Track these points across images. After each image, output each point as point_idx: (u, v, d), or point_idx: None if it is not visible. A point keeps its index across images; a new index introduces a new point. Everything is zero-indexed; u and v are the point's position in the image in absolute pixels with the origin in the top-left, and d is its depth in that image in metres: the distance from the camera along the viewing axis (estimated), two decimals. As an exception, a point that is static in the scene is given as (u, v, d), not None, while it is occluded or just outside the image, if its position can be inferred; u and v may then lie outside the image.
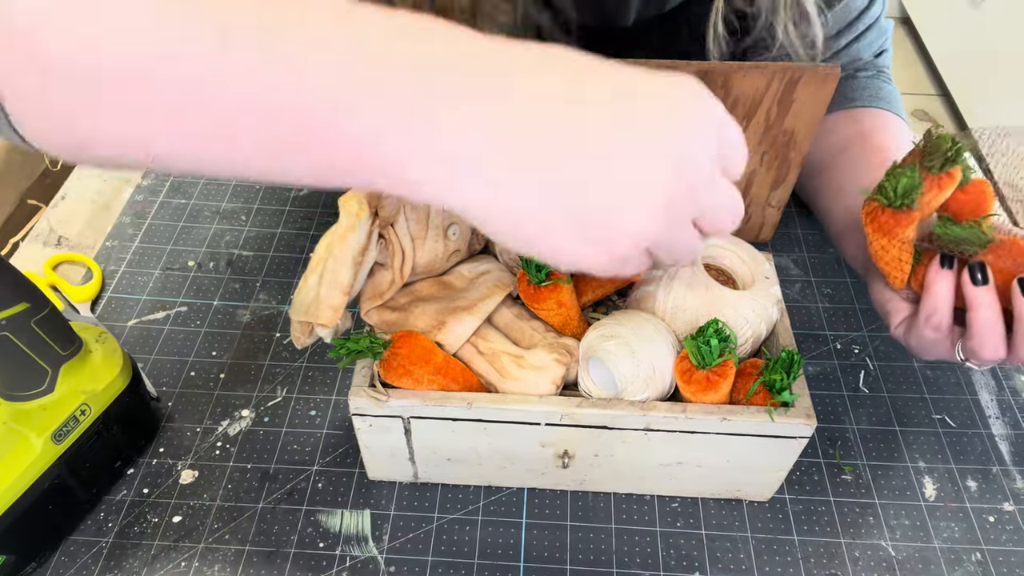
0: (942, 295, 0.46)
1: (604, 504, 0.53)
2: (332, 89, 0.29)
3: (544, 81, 0.30)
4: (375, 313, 0.51)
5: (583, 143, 0.30)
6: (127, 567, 0.49)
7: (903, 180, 0.44)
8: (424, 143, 0.30)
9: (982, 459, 0.56)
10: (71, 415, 0.48)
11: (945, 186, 0.45)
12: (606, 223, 0.31)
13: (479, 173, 0.30)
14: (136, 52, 0.28)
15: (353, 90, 0.29)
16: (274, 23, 0.29)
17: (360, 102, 0.29)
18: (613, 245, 0.32)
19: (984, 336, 0.45)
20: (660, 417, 0.46)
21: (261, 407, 0.58)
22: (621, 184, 0.31)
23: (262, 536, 0.51)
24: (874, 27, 0.67)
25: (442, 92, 0.29)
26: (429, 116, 0.29)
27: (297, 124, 0.29)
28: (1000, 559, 0.51)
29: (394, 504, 0.53)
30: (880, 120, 0.66)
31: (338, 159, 0.30)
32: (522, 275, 0.51)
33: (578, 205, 0.31)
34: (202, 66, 0.28)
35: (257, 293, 0.67)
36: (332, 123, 0.29)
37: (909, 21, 2.54)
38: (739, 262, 0.53)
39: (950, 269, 0.46)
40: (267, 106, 0.29)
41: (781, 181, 0.60)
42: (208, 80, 0.28)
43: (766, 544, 0.52)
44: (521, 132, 0.30)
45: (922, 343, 0.48)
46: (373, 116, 0.29)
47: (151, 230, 0.71)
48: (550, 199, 0.31)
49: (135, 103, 0.29)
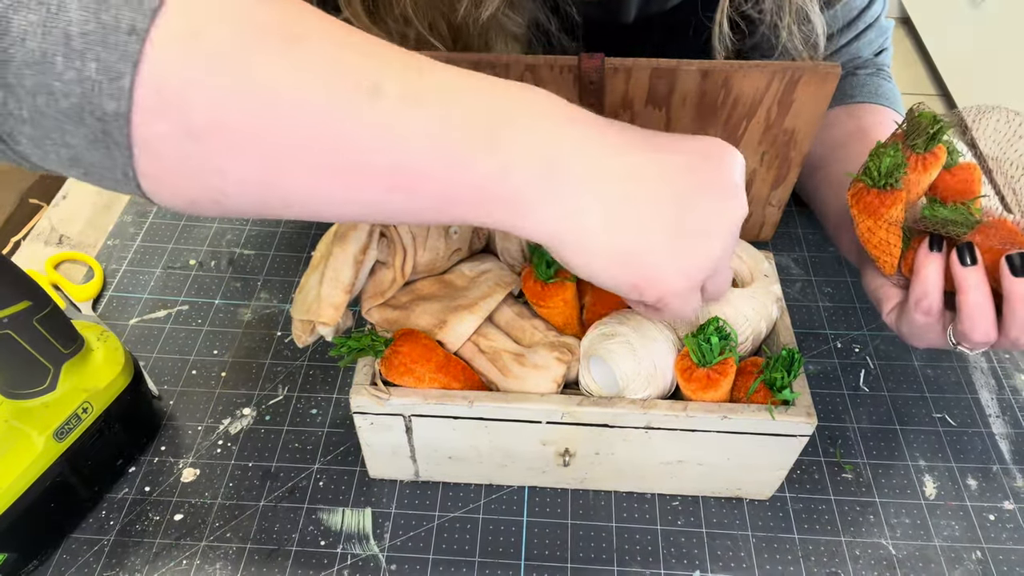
0: (931, 278, 0.45)
1: (605, 502, 0.53)
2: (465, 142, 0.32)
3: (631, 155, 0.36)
4: (376, 311, 0.51)
5: (674, 180, 0.36)
6: (128, 565, 0.50)
7: (886, 159, 0.44)
8: (544, 176, 0.34)
9: (982, 458, 0.56)
10: (73, 413, 0.48)
11: (930, 166, 0.45)
12: (696, 247, 0.37)
13: (592, 207, 0.34)
14: (289, 111, 0.29)
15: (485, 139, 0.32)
16: (417, 82, 0.31)
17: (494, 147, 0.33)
18: (695, 270, 0.37)
19: (974, 318, 0.44)
20: (661, 415, 0.46)
21: (262, 405, 0.58)
22: (708, 214, 0.36)
23: (263, 534, 0.51)
24: (874, 26, 0.67)
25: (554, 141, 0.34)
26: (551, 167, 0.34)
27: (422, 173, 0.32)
28: (1000, 557, 0.51)
29: (395, 502, 0.53)
30: (879, 116, 0.66)
31: (463, 195, 0.33)
32: (528, 273, 0.51)
33: (677, 228, 0.36)
34: (347, 123, 0.30)
35: (258, 292, 0.67)
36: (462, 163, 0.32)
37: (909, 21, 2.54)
38: (738, 260, 0.53)
39: (939, 252, 0.45)
40: (403, 159, 0.31)
41: (782, 180, 0.60)
42: (354, 136, 0.30)
43: (766, 542, 0.52)
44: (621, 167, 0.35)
45: (913, 328, 0.48)
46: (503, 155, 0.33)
47: (152, 229, 0.72)
48: (655, 226, 0.36)
49: (280, 156, 0.30)
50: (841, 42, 0.66)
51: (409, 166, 0.31)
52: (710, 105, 0.54)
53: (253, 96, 0.28)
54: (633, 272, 0.36)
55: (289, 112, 0.29)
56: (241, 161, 0.30)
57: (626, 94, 0.53)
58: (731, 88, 0.53)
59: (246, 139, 0.29)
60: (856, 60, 0.69)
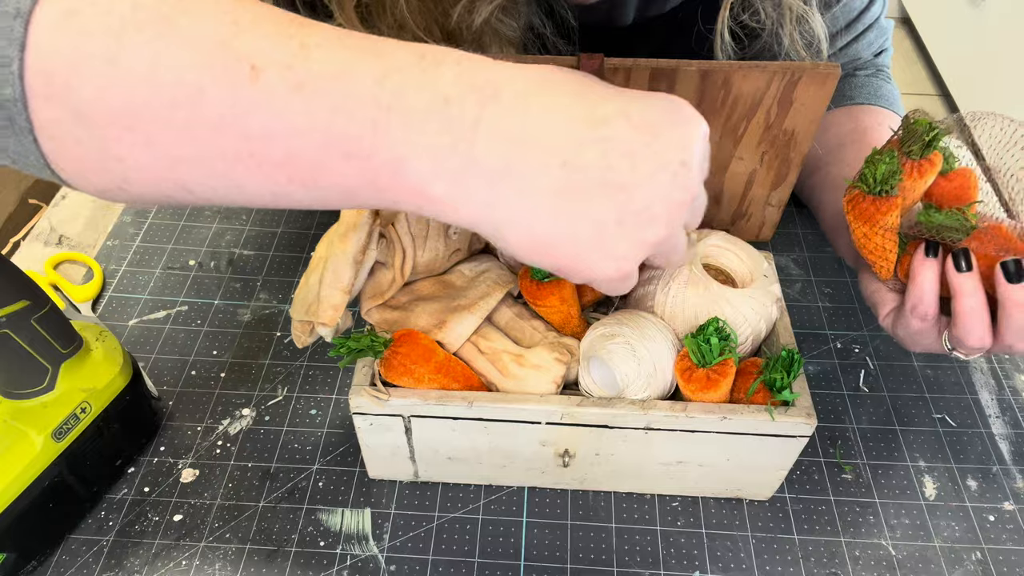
0: (927, 284, 0.45)
1: (604, 503, 0.53)
2: (360, 120, 0.29)
3: (556, 99, 0.31)
4: (376, 312, 0.51)
5: (607, 153, 0.31)
6: (128, 566, 0.49)
7: (882, 166, 0.44)
8: (446, 158, 0.30)
9: (982, 458, 0.56)
10: (71, 413, 0.48)
11: (925, 172, 0.45)
12: (627, 234, 0.32)
13: (505, 184, 0.30)
14: (167, 91, 0.28)
15: (382, 118, 0.29)
16: (295, 54, 0.28)
17: (388, 127, 0.29)
18: (628, 259, 0.33)
19: (969, 324, 0.44)
20: (660, 416, 0.46)
21: (262, 406, 0.58)
22: (643, 193, 0.32)
23: (263, 535, 0.51)
24: (874, 27, 0.67)
25: (464, 112, 0.30)
26: (453, 133, 0.30)
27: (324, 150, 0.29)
28: (1000, 558, 0.51)
29: (394, 503, 0.53)
30: (878, 118, 0.66)
31: (363, 181, 0.30)
32: (524, 272, 0.51)
33: (605, 215, 0.32)
34: (231, 100, 0.28)
35: (258, 292, 0.67)
36: (359, 147, 0.29)
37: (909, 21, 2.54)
38: (738, 261, 0.53)
39: (935, 258, 0.45)
40: (292, 133, 0.29)
41: (781, 180, 0.60)
42: (238, 113, 0.28)
43: (766, 543, 0.52)
44: (540, 138, 0.30)
45: (909, 333, 0.48)
46: (398, 137, 0.29)
47: (152, 229, 0.71)
48: (576, 210, 0.31)
49: (168, 140, 0.28)
50: (841, 44, 0.66)
51: (302, 156, 0.29)
52: (710, 105, 0.54)
53: (130, 78, 0.27)
54: (555, 260, 0.33)
55: (168, 94, 0.27)
56: (133, 147, 0.28)
57: (626, 94, 0.53)
58: (731, 88, 0.53)
59: (132, 123, 0.28)
60: (856, 61, 0.68)
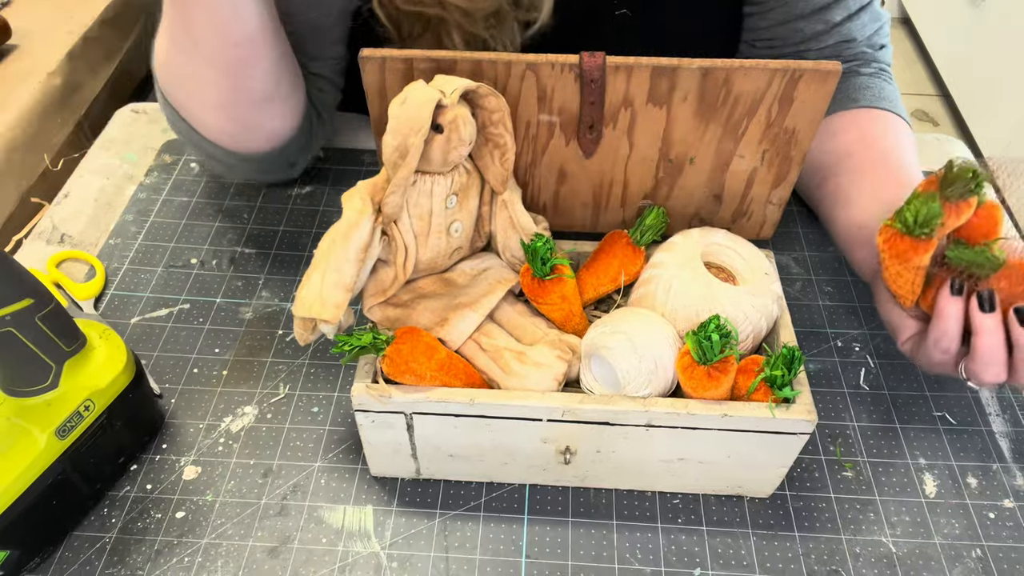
0: (951, 321, 0.48)
1: (606, 500, 0.54)
2: None
3: None
4: (378, 310, 0.51)
5: None
6: (130, 562, 0.50)
7: (923, 210, 0.45)
8: None
9: (982, 456, 0.57)
10: (75, 411, 0.48)
11: (963, 214, 0.46)
12: None
13: None
14: None
15: None
16: None
17: None
18: None
19: (987, 361, 0.47)
20: (662, 413, 0.46)
21: (264, 404, 0.59)
22: None
23: (264, 532, 0.51)
24: (868, 9, 0.67)
25: None
26: None
27: None
28: (1000, 555, 0.51)
29: (396, 500, 0.53)
30: (882, 123, 0.66)
31: None
32: (526, 269, 0.51)
33: None
34: None
35: (259, 290, 0.67)
36: None
37: (909, 21, 2.54)
38: (739, 259, 0.54)
39: (960, 296, 0.47)
40: None
41: (782, 179, 0.60)
42: None
43: (767, 540, 0.52)
44: None
45: (930, 362, 0.51)
46: None
47: (154, 228, 0.72)
48: None
49: None
50: (834, 19, 0.66)
51: None
52: (711, 103, 0.54)
53: None
54: None
55: None
56: None
57: (627, 92, 0.53)
58: (732, 87, 0.53)
59: None
60: (852, 44, 0.68)
